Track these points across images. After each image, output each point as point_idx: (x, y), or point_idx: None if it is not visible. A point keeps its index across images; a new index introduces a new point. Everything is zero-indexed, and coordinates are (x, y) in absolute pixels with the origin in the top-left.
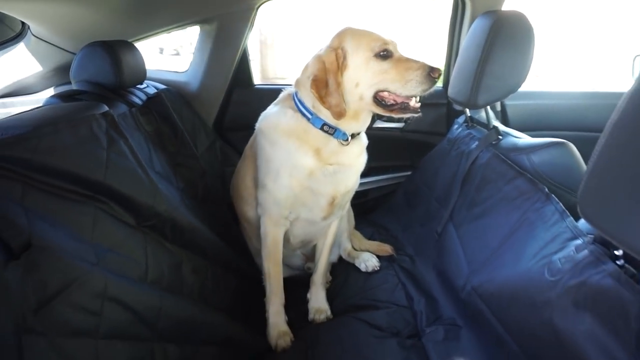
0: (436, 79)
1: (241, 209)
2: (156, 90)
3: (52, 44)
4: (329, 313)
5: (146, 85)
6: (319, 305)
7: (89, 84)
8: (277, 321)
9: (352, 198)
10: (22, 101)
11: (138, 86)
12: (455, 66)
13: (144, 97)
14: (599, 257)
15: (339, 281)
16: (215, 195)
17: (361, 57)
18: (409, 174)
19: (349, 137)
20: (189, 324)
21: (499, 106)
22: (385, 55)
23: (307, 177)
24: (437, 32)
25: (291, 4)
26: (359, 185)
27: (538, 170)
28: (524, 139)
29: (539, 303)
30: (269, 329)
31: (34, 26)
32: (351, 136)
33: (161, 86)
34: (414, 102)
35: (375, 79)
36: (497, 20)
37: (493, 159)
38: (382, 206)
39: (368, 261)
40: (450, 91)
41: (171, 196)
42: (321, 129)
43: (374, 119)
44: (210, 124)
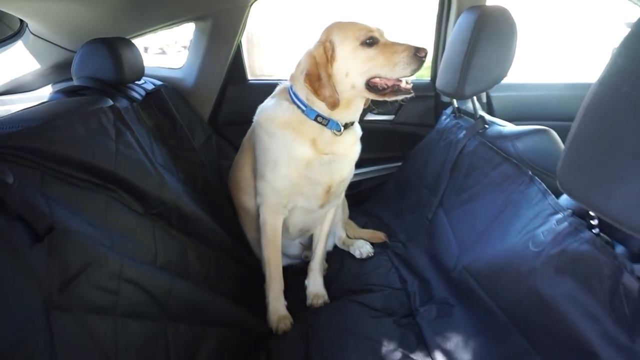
0: (423, 58)
1: (240, 200)
2: (154, 86)
3: (51, 42)
4: (326, 298)
5: (144, 82)
6: (316, 290)
7: (90, 80)
8: (277, 306)
9: (345, 189)
10: (20, 98)
11: (136, 82)
12: (442, 59)
13: (143, 93)
14: (577, 227)
15: (334, 268)
16: (214, 187)
17: (348, 47)
18: (399, 164)
19: (341, 128)
20: (197, 306)
21: (484, 98)
22: (371, 42)
23: (305, 167)
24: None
25: (278, 2)
26: (352, 176)
27: (522, 156)
28: (509, 127)
29: (524, 273)
30: (269, 314)
31: (33, 24)
32: (345, 126)
33: (158, 82)
34: (404, 84)
35: (364, 66)
36: (482, 15)
37: (480, 147)
38: (375, 196)
39: (362, 248)
40: (438, 83)
41: (175, 186)
42: (315, 120)
43: (365, 111)
44: (205, 119)
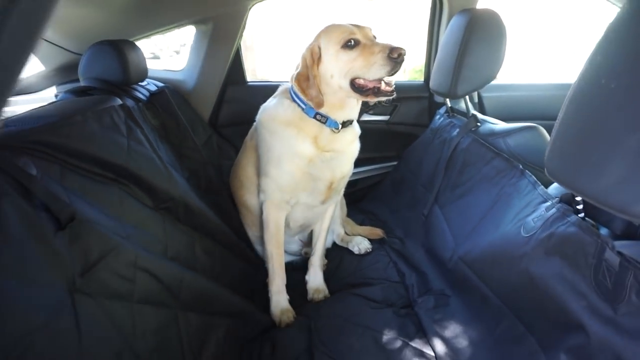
0: (396, 59)
1: (242, 197)
2: (157, 87)
3: (56, 45)
4: (326, 292)
5: (147, 83)
6: (317, 285)
7: (97, 81)
8: (280, 299)
9: (345, 185)
10: (24, 100)
11: (140, 83)
12: (435, 61)
13: (146, 94)
14: (564, 212)
15: (334, 264)
16: (216, 185)
17: (331, 50)
18: (395, 163)
19: (339, 126)
20: (205, 296)
21: (476, 98)
22: (352, 44)
23: (307, 164)
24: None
25: (270, 6)
26: (352, 172)
27: (513, 151)
28: (500, 124)
29: (516, 257)
30: (272, 308)
31: None
32: (343, 124)
33: (160, 84)
34: (384, 86)
35: (345, 68)
36: (473, 18)
37: (473, 144)
38: (371, 194)
39: (360, 244)
40: (432, 84)
41: (181, 182)
42: (314, 117)
43: (362, 111)
44: (205, 120)
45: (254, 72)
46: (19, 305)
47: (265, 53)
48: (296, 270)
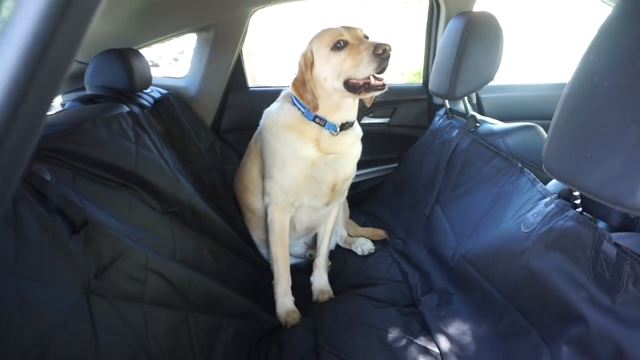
0: (382, 55)
1: (247, 201)
2: (160, 95)
3: None
4: (331, 293)
5: (151, 90)
6: (322, 286)
7: (103, 89)
8: (285, 301)
9: (349, 187)
10: None
11: (145, 91)
12: (434, 63)
13: (151, 101)
14: (562, 207)
15: (337, 265)
16: (221, 189)
17: (322, 54)
18: (395, 165)
19: (337, 128)
20: (213, 298)
21: (474, 99)
22: (341, 46)
23: (310, 166)
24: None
25: (268, 12)
26: (354, 174)
27: (512, 150)
28: (499, 124)
29: (517, 253)
30: (278, 309)
31: None
32: (343, 127)
33: (164, 91)
34: (373, 80)
35: (337, 70)
36: (470, 21)
37: (472, 144)
38: (373, 196)
39: (364, 245)
40: (430, 86)
41: (188, 187)
42: (313, 120)
43: (362, 113)
44: (208, 126)
45: (253, 78)
46: (39, 306)
47: (264, 59)
48: (301, 272)
